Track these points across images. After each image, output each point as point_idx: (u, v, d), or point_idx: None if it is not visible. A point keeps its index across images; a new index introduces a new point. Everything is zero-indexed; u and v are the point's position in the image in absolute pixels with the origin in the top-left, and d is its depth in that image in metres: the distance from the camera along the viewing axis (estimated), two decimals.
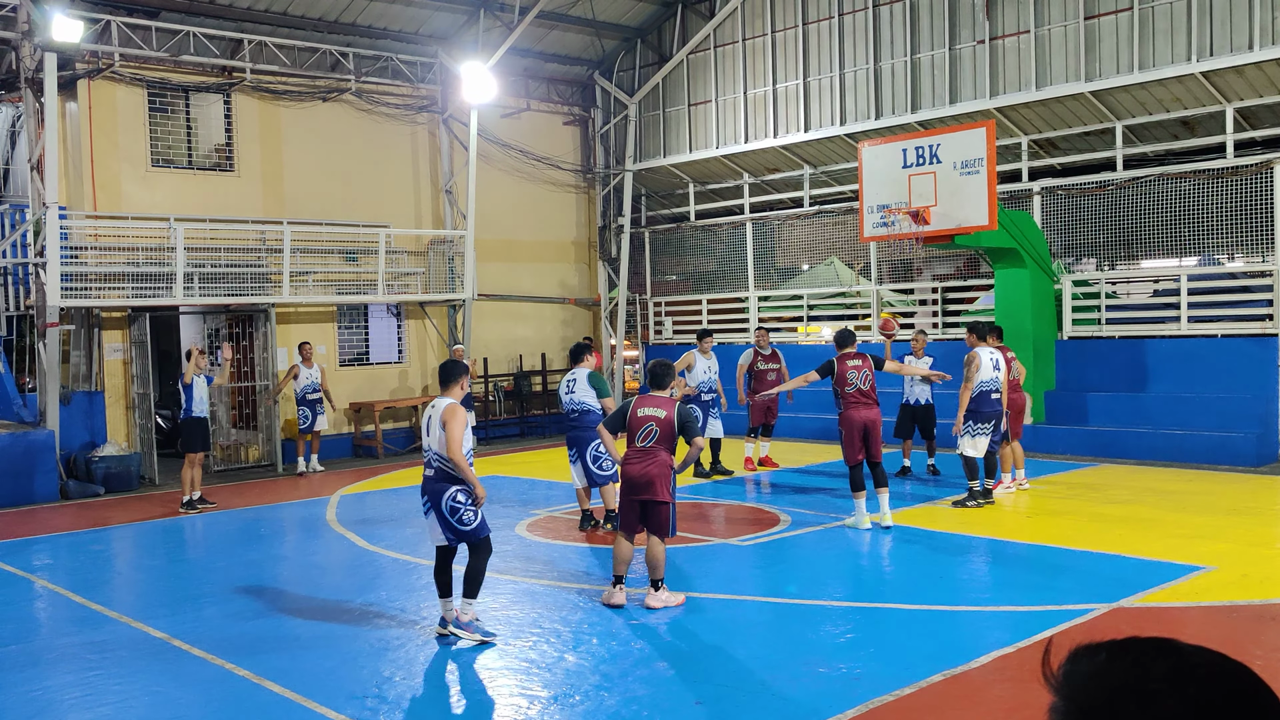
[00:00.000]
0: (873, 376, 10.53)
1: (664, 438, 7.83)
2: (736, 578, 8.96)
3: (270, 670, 6.74)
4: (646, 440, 7.83)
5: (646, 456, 7.80)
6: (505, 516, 11.83)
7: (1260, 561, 8.78)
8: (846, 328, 11.92)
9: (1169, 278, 15.82)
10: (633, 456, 7.86)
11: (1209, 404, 14.44)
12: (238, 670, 6.78)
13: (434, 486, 7.28)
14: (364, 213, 18.65)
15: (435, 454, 7.26)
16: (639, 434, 7.87)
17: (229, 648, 7.26)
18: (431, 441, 7.28)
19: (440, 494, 7.23)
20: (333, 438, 18.15)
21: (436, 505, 7.25)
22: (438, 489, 7.25)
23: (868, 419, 10.42)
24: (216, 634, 7.64)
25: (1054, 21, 15.94)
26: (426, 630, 7.55)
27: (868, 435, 10.40)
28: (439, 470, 7.26)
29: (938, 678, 6.13)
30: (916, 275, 19.60)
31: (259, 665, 6.84)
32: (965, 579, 8.92)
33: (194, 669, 6.89)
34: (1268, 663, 6.29)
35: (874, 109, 18.03)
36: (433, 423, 7.26)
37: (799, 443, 17.16)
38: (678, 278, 22.47)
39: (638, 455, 7.83)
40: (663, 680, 6.36)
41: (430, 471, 7.31)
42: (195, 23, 16.93)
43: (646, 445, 7.83)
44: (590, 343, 11.29)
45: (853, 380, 10.46)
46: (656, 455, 7.80)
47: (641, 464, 7.80)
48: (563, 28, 20.45)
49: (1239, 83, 14.54)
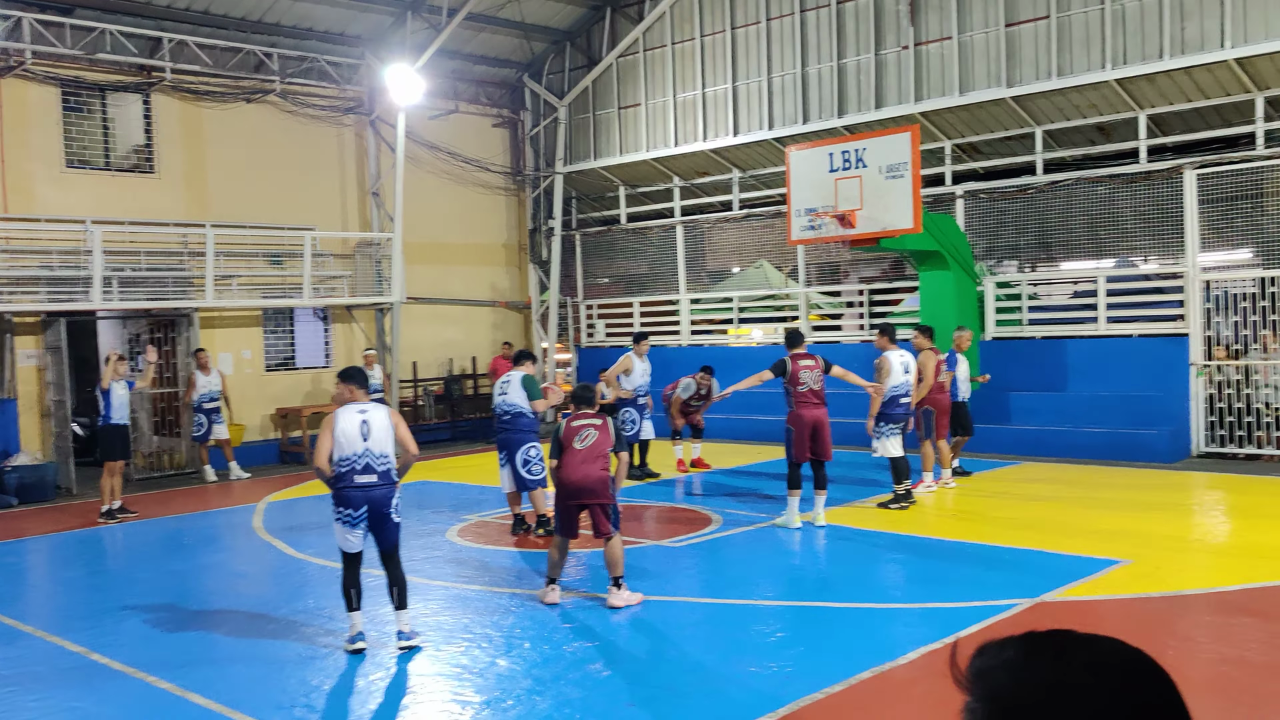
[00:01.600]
0: (823, 377, 10.67)
1: (601, 443, 7.88)
2: (669, 579, 8.99)
3: (194, 683, 6.60)
4: (584, 442, 7.87)
5: (586, 461, 7.83)
6: (436, 522, 11.73)
7: (1173, 555, 9.06)
8: (796, 328, 12.00)
9: (1087, 279, 16.24)
10: (570, 461, 7.87)
11: (1126, 402, 14.85)
12: (160, 684, 6.62)
13: (386, 492, 7.14)
14: (290, 215, 18.37)
15: (381, 457, 7.10)
16: (576, 438, 7.90)
17: (151, 661, 7.09)
18: (374, 445, 7.07)
19: (390, 499, 7.15)
20: (259, 444, 17.85)
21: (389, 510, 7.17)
22: (390, 494, 7.16)
23: (817, 418, 10.54)
24: (138, 647, 7.46)
25: (976, 28, 16.27)
26: None
27: (816, 434, 10.52)
28: (385, 474, 7.12)
29: (866, 674, 6.22)
30: (844, 278, 19.86)
31: (182, 678, 6.69)
32: (893, 577, 9.06)
33: (114, 684, 6.72)
34: (1179, 651, 6.50)
35: (801, 113, 18.23)
36: (376, 428, 7.10)
37: (731, 444, 17.28)
38: (609, 280, 22.49)
39: (578, 460, 7.85)
40: (596, 682, 6.36)
41: (374, 477, 7.09)
42: (111, 20, 16.51)
43: (584, 446, 7.86)
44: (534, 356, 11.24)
45: (805, 380, 10.55)
46: (595, 459, 7.84)
47: (582, 469, 7.81)
48: (491, 30, 20.36)
49: (1151, 90, 14.99)
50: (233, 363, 17.78)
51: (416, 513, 12.48)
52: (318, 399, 18.90)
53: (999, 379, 15.61)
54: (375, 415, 7.15)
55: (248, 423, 17.89)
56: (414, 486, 14.74)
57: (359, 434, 7.06)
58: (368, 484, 7.06)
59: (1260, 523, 10.38)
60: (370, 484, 7.06)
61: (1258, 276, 14.39)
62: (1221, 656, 6.43)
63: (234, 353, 17.92)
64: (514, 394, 10.60)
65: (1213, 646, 6.64)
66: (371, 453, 7.06)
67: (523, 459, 10.47)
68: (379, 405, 7.28)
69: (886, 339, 11.71)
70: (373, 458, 7.06)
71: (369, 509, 7.07)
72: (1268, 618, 7.21)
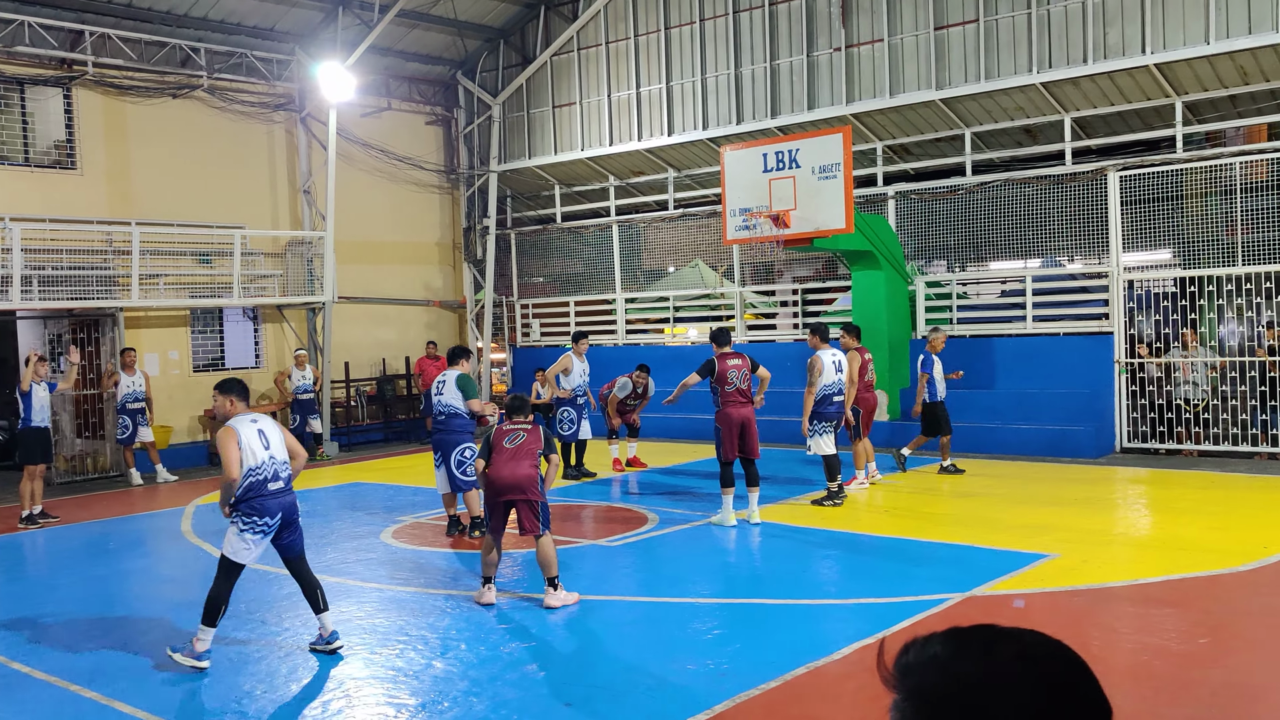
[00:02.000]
0: (750, 376, 10.72)
1: (530, 443, 7.94)
2: (606, 578, 8.99)
3: (120, 691, 6.45)
4: (513, 442, 7.92)
5: (514, 459, 7.87)
6: (370, 524, 11.60)
7: (1098, 548, 9.28)
8: (723, 326, 12.00)
9: (1015, 279, 16.57)
10: (498, 460, 7.90)
11: (1052, 399, 15.18)
12: (84, 692, 6.46)
13: (293, 498, 7.19)
14: (218, 213, 18.03)
15: (283, 464, 7.12)
16: (506, 439, 7.95)
17: (74, 669, 6.92)
18: (276, 453, 7.10)
19: (296, 504, 7.21)
20: (186, 446, 17.50)
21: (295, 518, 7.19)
22: (295, 499, 7.22)
23: (744, 416, 10.60)
24: (60, 655, 7.27)
25: (906, 31, 16.51)
26: (288, 642, 7.35)
27: (744, 432, 10.58)
28: (288, 480, 7.16)
29: (801, 670, 6.28)
30: (778, 277, 20.03)
31: (108, 687, 6.54)
32: (827, 573, 9.16)
33: (36, 693, 6.54)
34: (1104, 642, 6.66)
35: (735, 114, 18.35)
36: (271, 436, 7.10)
37: (666, 442, 17.33)
38: (545, 280, 22.41)
39: (506, 457, 7.89)
40: (532, 683, 6.34)
41: (282, 484, 7.09)
42: (31, 12, 16.06)
43: (514, 445, 7.91)
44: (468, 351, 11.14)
45: (733, 379, 10.61)
46: (524, 458, 7.88)
47: (510, 466, 7.85)
48: (424, 27, 20.17)
49: (1075, 94, 15.34)
50: (159, 363, 17.41)
51: (350, 514, 12.33)
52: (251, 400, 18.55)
53: None
54: (267, 424, 7.18)
55: (175, 425, 17.53)
56: (347, 488, 14.57)
57: (260, 443, 7.03)
58: (278, 491, 7.05)
59: (1180, 517, 10.68)
60: (280, 491, 7.06)
61: (1177, 276, 14.81)
62: (1143, 646, 6.61)
63: (160, 353, 17.54)
64: (449, 394, 10.50)
65: (1135, 637, 6.82)
66: (276, 460, 7.07)
67: (457, 459, 10.39)
68: (264, 415, 7.34)
69: (818, 338, 11.80)
70: (278, 465, 7.07)
71: (282, 516, 7.06)
72: (1186, 608, 7.43)
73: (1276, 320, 14.12)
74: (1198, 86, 14.60)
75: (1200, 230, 14.62)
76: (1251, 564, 8.49)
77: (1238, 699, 5.82)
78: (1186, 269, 14.67)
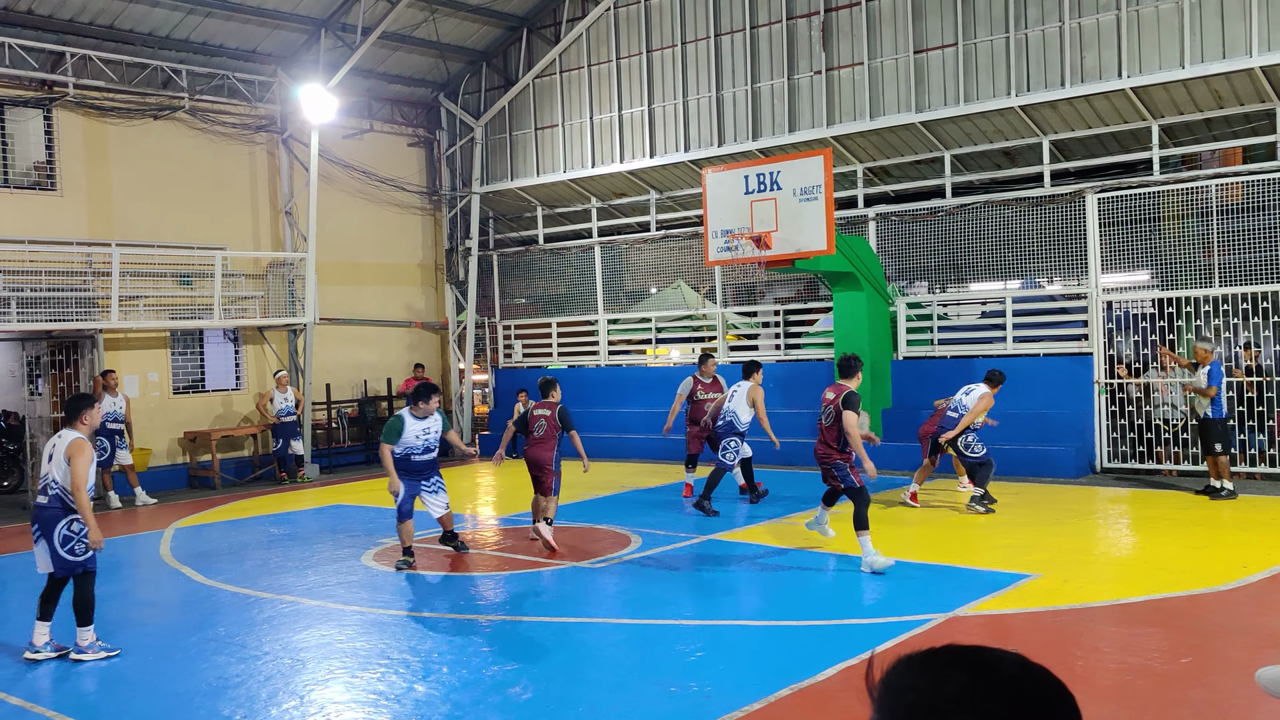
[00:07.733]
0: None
1: (550, 429, 10.56)
2: (589, 600, 8.96)
3: (99, 716, 6.37)
4: (539, 430, 10.56)
5: (540, 443, 10.57)
6: (350, 546, 11.54)
7: (1079, 568, 9.32)
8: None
9: (995, 300, 16.66)
10: (530, 441, 10.62)
11: (1032, 419, 15.24)
12: (60, 718, 6.38)
13: (47, 514, 7.44)
14: (200, 235, 17.97)
15: (55, 483, 7.45)
16: (534, 428, 10.58)
17: (52, 695, 6.84)
18: (53, 470, 7.46)
19: (54, 522, 7.44)
20: (166, 468, 17.37)
21: (48, 534, 7.44)
22: (51, 517, 7.44)
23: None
24: (38, 681, 7.19)
25: (886, 54, 16.65)
26: (269, 665, 7.29)
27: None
28: (55, 498, 7.44)
29: (785, 692, 6.27)
30: (759, 298, 20.08)
31: (86, 712, 6.47)
32: (810, 594, 9.15)
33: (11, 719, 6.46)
34: (1088, 662, 6.68)
35: (717, 136, 18.44)
36: (57, 453, 7.47)
37: (646, 464, 17.30)
38: (527, 301, 22.40)
39: (533, 441, 10.59)
40: (515, 706, 6.31)
41: (44, 499, 7.45)
42: (11, 33, 16.01)
43: (540, 433, 10.55)
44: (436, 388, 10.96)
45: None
46: (547, 440, 10.55)
47: (537, 449, 10.60)
48: (406, 49, 20.21)
49: (1053, 116, 15.50)
50: (139, 385, 17.29)
51: (331, 537, 12.26)
52: (228, 422, 18.47)
53: (911, 398, 15.92)
54: (61, 444, 7.61)
55: (155, 447, 17.40)
56: (328, 510, 14.48)
57: (45, 456, 7.68)
58: (40, 504, 7.59)
59: (1160, 536, 10.74)
60: (41, 505, 7.59)
61: (1155, 297, 14.93)
62: (1126, 666, 6.63)
63: (140, 375, 17.43)
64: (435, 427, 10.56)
65: (1118, 656, 6.84)
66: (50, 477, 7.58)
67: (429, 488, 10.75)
68: (70, 434, 7.63)
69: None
70: (50, 480, 7.59)
71: (40, 529, 7.53)
72: (1168, 628, 7.46)
73: (1254, 341, 14.25)
74: (1173, 110, 14.77)
75: (1178, 252, 14.76)
76: (1232, 583, 8.54)
77: (1220, 718, 5.84)
78: (1165, 290, 14.80)
